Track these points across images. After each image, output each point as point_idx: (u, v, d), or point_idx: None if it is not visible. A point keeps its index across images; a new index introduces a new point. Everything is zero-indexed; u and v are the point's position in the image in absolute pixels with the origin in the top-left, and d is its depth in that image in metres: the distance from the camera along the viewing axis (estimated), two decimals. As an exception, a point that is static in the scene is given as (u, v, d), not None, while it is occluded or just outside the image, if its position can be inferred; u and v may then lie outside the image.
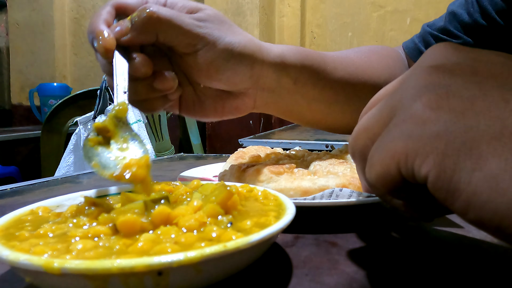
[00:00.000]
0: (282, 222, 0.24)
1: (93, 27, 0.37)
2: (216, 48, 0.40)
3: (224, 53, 0.40)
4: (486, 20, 0.55)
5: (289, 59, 0.45)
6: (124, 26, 0.37)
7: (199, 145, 1.97)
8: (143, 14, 0.37)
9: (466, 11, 0.56)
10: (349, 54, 0.54)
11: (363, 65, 0.52)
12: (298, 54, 0.46)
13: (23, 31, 2.51)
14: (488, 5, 0.54)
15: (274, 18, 2.19)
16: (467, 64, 0.21)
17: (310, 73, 0.46)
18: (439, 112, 0.20)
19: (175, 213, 0.24)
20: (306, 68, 0.46)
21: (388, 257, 0.29)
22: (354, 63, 0.51)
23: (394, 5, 2.10)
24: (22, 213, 0.28)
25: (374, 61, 0.54)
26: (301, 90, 0.47)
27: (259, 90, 0.45)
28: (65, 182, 0.61)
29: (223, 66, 0.41)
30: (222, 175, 0.44)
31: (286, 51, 0.45)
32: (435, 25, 0.60)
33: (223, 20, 0.41)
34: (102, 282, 0.19)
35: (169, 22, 0.37)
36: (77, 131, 1.45)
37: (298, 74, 0.46)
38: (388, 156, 0.22)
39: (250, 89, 0.45)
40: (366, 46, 0.60)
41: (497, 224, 0.17)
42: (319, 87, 0.48)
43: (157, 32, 0.38)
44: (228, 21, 0.42)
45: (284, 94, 0.47)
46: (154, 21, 0.37)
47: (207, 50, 0.39)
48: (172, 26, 0.37)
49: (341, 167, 0.39)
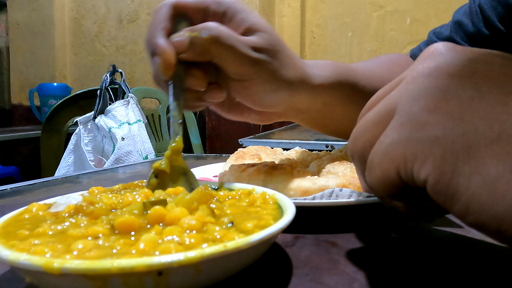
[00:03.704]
0: (282, 222, 0.24)
1: (154, 40, 0.36)
2: (267, 82, 0.39)
3: (274, 86, 0.40)
4: (489, 30, 0.55)
5: (326, 83, 0.44)
6: (184, 43, 0.36)
7: (199, 145, 1.97)
8: (204, 34, 0.35)
9: (471, 20, 0.56)
10: (374, 68, 0.53)
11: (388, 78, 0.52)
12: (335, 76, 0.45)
13: (23, 31, 2.51)
14: (491, 13, 0.54)
15: (274, 18, 2.19)
16: (464, 65, 0.21)
17: (342, 94, 0.46)
18: (437, 116, 0.20)
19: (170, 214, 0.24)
20: (340, 90, 0.46)
21: (388, 257, 0.29)
22: (379, 77, 0.51)
23: (394, 5, 2.10)
24: (20, 211, 0.28)
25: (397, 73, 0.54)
26: (329, 111, 0.47)
27: (289, 109, 0.45)
28: (65, 182, 0.61)
29: (268, 95, 0.40)
30: (222, 175, 0.44)
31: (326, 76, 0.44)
32: (442, 34, 0.60)
33: (279, 48, 0.40)
34: (102, 282, 0.19)
35: (229, 50, 0.36)
36: (77, 131, 1.45)
37: (330, 98, 0.46)
38: (387, 160, 0.22)
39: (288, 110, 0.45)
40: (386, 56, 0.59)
41: (496, 227, 0.17)
42: (347, 106, 0.48)
43: (214, 56, 0.37)
44: (283, 48, 0.40)
45: (312, 113, 0.47)
46: (215, 45, 0.36)
47: (258, 83, 0.39)
48: (231, 54, 0.36)
49: (341, 167, 0.39)
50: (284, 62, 0.40)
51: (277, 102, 0.42)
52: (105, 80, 1.48)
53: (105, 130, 1.40)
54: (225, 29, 0.36)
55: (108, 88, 1.48)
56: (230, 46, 0.36)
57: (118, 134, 1.38)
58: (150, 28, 0.37)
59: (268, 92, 0.40)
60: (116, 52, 2.47)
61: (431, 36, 0.62)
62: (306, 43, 2.27)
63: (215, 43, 0.35)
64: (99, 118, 1.42)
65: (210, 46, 0.36)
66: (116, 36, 2.46)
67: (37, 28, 2.48)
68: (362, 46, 2.17)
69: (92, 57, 2.53)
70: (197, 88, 0.38)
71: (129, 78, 2.36)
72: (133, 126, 1.44)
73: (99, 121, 1.42)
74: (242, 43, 0.37)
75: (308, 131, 1.54)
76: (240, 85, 0.39)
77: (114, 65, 1.55)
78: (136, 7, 2.40)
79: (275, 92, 0.40)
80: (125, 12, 2.43)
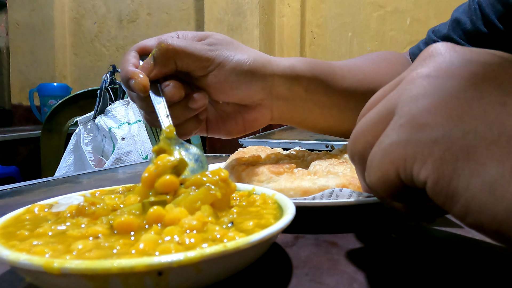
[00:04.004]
0: (282, 222, 0.24)
1: (126, 72, 0.42)
2: (226, 66, 0.43)
3: (235, 70, 0.43)
4: (488, 28, 0.55)
5: (299, 69, 0.47)
6: (149, 64, 0.42)
7: (199, 145, 1.97)
8: (160, 47, 0.41)
9: (469, 18, 0.56)
10: (357, 62, 0.54)
11: (372, 72, 0.52)
12: (307, 64, 0.47)
13: (23, 31, 2.51)
14: (490, 11, 0.54)
15: (274, 18, 2.19)
16: (464, 65, 0.21)
17: (320, 81, 0.48)
18: (436, 117, 0.20)
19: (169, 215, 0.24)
20: (315, 77, 0.47)
21: (388, 257, 0.29)
22: (362, 70, 0.52)
23: (394, 5, 2.10)
24: (21, 212, 0.28)
25: (383, 67, 0.54)
26: (313, 98, 0.48)
27: (274, 99, 0.47)
28: (65, 182, 0.61)
29: (236, 81, 0.43)
30: (222, 175, 0.44)
31: (295, 62, 0.47)
32: (440, 32, 0.60)
33: (230, 41, 0.45)
34: (102, 282, 0.19)
35: (183, 51, 0.41)
36: (77, 131, 1.45)
37: (308, 83, 0.47)
38: (387, 162, 0.22)
39: (265, 99, 0.46)
40: (374, 52, 0.61)
41: (496, 228, 0.17)
42: (329, 94, 0.49)
43: (176, 61, 0.42)
44: (235, 42, 0.45)
45: (297, 102, 0.48)
46: (171, 52, 0.41)
47: (219, 70, 0.43)
48: (186, 53, 0.41)
49: (341, 167, 0.39)
50: (239, 49, 0.44)
51: (250, 89, 0.44)
52: (105, 80, 1.48)
53: (105, 130, 1.40)
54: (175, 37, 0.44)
55: (108, 88, 1.48)
56: (183, 47, 0.41)
57: (118, 134, 1.38)
58: (121, 68, 0.43)
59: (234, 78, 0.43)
60: (116, 52, 2.47)
61: (430, 34, 0.62)
62: (306, 43, 2.27)
63: (171, 50, 0.41)
64: (99, 118, 1.42)
65: (168, 54, 0.41)
66: (116, 36, 2.46)
67: (37, 28, 2.48)
68: (362, 46, 2.17)
69: (92, 57, 2.53)
70: (176, 97, 0.42)
71: (129, 78, 2.36)
72: (133, 126, 1.44)
73: (99, 121, 1.42)
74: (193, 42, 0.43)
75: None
76: (208, 80, 0.43)
77: (114, 65, 1.55)
78: (136, 7, 2.40)
79: (241, 78, 0.43)
80: (125, 12, 2.43)
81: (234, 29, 2.00)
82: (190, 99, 0.43)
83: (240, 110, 0.47)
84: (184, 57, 0.41)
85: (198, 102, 0.43)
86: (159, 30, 2.35)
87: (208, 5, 2.04)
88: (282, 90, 0.46)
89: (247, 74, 0.44)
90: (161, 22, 2.34)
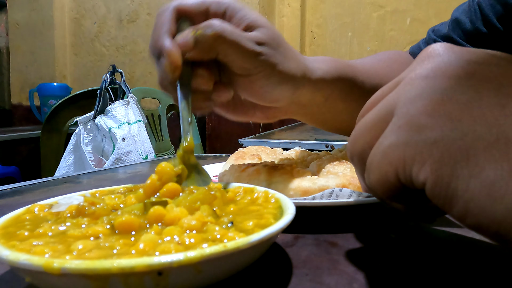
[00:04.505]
0: (282, 222, 0.24)
1: (159, 43, 0.36)
2: (271, 74, 0.40)
3: (277, 79, 0.40)
4: (487, 28, 0.55)
5: (326, 78, 0.45)
6: (189, 42, 0.36)
7: (199, 145, 1.97)
8: (208, 32, 0.36)
9: (469, 18, 0.57)
10: (373, 65, 0.54)
11: (387, 75, 0.53)
12: (334, 70, 0.46)
13: (23, 31, 2.51)
14: (489, 11, 0.54)
15: (274, 18, 2.19)
16: (462, 66, 0.21)
17: (342, 89, 0.47)
18: (435, 118, 0.20)
19: (170, 214, 0.24)
20: (339, 85, 0.47)
21: (388, 257, 0.29)
22: (378, 74, 0.52)
23: (394, 5, 2.10)
24: (21, 212, 0.28)
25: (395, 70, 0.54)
26: (330, 105, 0.48)
27: (292, 104, 0.46)
28: (65, 182, 0.61)
29: (272, 89, 0.41)
30: (222, 175, 0.44)
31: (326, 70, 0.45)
32: (440, 31, 0.60)
33: (280, 42, 0.40)
34: (102, 282, 0.19)
35: (233, 45, 0.37)
36: (77, 131, 1.45)
37: (331, 92, 0.46)
38: (386, 163, 0.22)
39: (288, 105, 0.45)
40: (384, 52, 0.60)
41: (495, 229, 0.17)
42: (347, 101, 0.49)
43: (219, 51, 0.37)
44: (283, 42, 0.41)
45: (314, 108, 0.48)
46: (219, 42, 0.36)
47: (262, 76, 0.40)
48: (235, 49, 0.37)
49: (341, 167, 0.39)
50: (286, 55, 0.41)
51: (281, 96, 0.42)
52: (105, 80, 1.48)
53: (105, 130, 1.40)
54: (227, 25, 0.37)
55: (108, 88, 1.48)
56: (234, 41, 0.37)
57: (118, 134, 1.38)
58: (154, 32, 0.37)
59: (272, 85, 0.41)
60: (116, 52, 2.47)
61: (430, 34, 0.62)
62: (306, 43, 2.27)
63: (219, 39, 0.36)
64: (99, 118, 1.42)
65: (215, 43, 0.36)
66: (116, 36, 2.46)
67: (37, 28, 2.48)
68: (362, 46, 2.17)
69: (92, 57, 2.53)
70: (204, 87, 0.39)
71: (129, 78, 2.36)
72: (133, 126, 1.44)
73: (99, 121, 1.42)
74: (245, 37, 0.37)
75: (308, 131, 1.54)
76: (245, 81, 0.40)
77: (114, 65, 1.55)
78: (136, 7, 2.40)
79: (278, 86, 0.41)
80: (125, 12, 2.43)
81: (234, 29, 2.00)
82: (215, 90, 0.40)
83: (255, 105, 0.45)
84: (231, 52, 0.37)
85: (221, 97, 0.40)
86: (159, 30, 2.35)
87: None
88: (304, 98, 0.45)
89: (286, 83, 0.41)
90: (161, 22, 2.34)
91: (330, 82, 0.46)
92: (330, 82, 0.46)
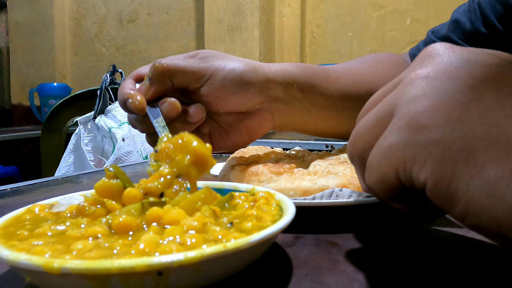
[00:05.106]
0: (282, 222, 0.24)
1: (123, 94, 0.43)
2: (220, 74, 0.44)
3: (229, 77, 0.44)
4: (487, 28, 0.55)
5: (290, 71, 0.47)
6: (145, 85, 0.44)
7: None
8: (155, 67, 0.43)
9: (469, 19, 0.57)
10: (353, 64, 0.55)
11: (368, 73, 0.53)
12: (298, 67, 0.48)
13: (23, 31, 2.51)
14: (489, 12, 0.54)
15: (274, 18, 2.19)
16: (462, 66, 0.21)
17: (313, 82, 0.48)
18: (435, 118, 0.20)
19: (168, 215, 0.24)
20: (308, 78, 0.48)
21: (388, 257, 0.29)
22: (358, 72, 0.53)
23: (394, 5, 2.10)
24: (21, 212, 0.28)
25: (379, 68, 0.55)
26: (309, 99, 0.49)
27: (273, 102, 0.47)
28: (65, 182, 0.61)
29: (232, 87, 0.45)
30: (222, 175, 0.44)
31: (286, 65, 0.48)
32: (439, 32, 0.60)
33: (219, 53, 0.47)
34: (102, 282, 0.19)
35: (177, 67, 0.43)
36: (77, 131, 1.45)
37: (302, 84, 0.48)
38: (386, 163, 0.22)
39: (264, 102, 0.47)
40: (372, 54, 0.61)
41: (496, 229, 0.17)
42: (325, 96, 0.49)
43: (171, 78, 0.44)
44: (225, 53, 0.47)
45: (295, 103, 0.48)
46: (166, 70, 0.43)
47: (213, 79, 0.44)
48: (180, 69, 0.43)
49: (341, 167, 0.39)
50: (229, 59, 0.46)
51: (247, 94, 0.45)
52: (105, 80, 1.48)
53: (105, 130, 1.40)
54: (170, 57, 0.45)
55: (108, 88, 1.48)
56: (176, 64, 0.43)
57: (118, 134, 1.38)
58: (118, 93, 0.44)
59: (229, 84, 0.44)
60: (116, 52, 2.47)
61: (429, 35, 0.62)
62: (306, 43, 2.27)
63: (166, 68, 0.43)
64: (99, 118, 1.42)
65: (163, 71, 0.43)
66: (116, 36, 2.46)
67: (37, 28, 2.48)
68: (362, 46, 2.17)
69: (92, 57, 2.53)
70: (173, 113, 0.43)
71: (129, 78, 2.36)
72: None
73: (99, 121, 1.42)
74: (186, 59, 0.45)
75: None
76: (204, 91, 0.44)
77: (114, 65, 1.55)
78: (136, 7, 2.40)
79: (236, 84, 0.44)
80: (125, 12, 2.43)
81: (234, 29, 2.00)
82: (188, 113, 0.44)
83: (242, 118, 0.47)
84: (178, 73, 0.43)
85: (195, 115, 0.44)
86: (159, 30, 2.35)
87: (208, 5, 2.04)
88: (279, 92, 0.47)
89: (241, 79, 0.44)
90: (161, 22, 2.34)
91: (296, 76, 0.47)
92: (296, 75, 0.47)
